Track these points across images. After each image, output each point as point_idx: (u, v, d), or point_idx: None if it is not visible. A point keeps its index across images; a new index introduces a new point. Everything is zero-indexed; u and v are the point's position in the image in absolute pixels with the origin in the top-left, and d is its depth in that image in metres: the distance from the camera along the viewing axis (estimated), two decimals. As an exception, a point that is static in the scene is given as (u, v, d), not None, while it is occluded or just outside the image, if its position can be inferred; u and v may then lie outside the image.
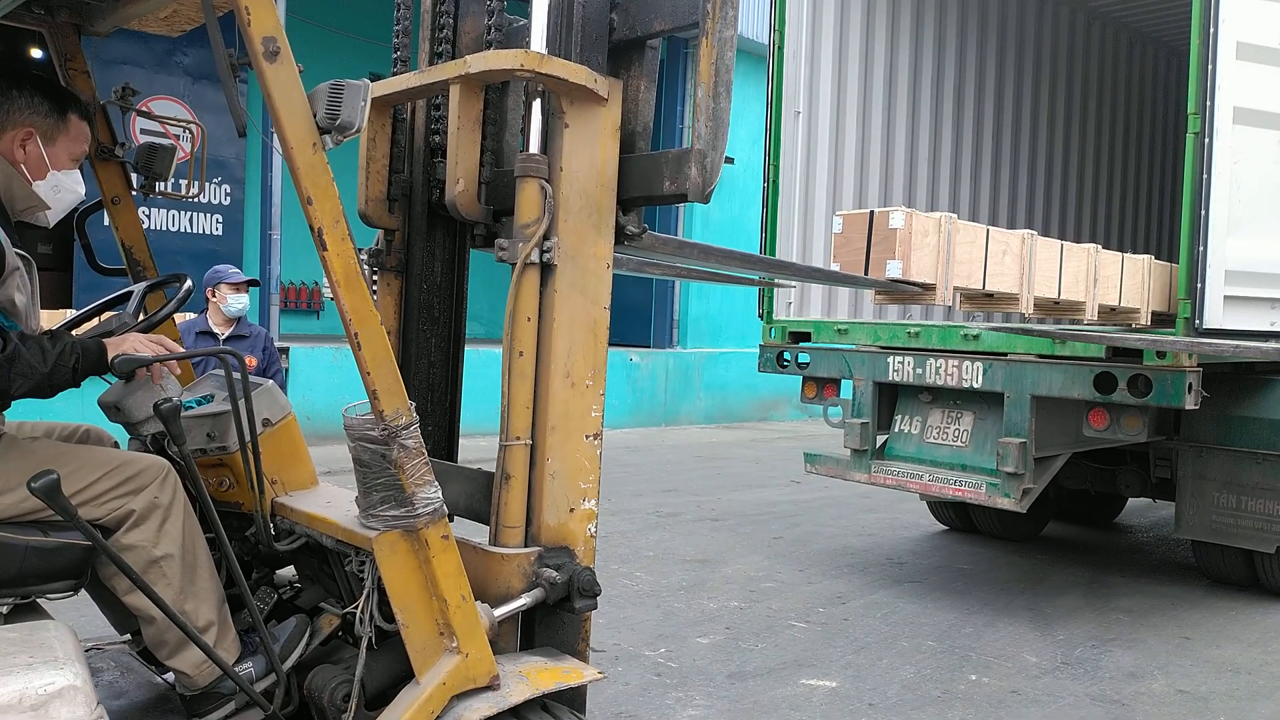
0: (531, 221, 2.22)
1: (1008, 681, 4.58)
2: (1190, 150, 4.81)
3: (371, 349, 1.98)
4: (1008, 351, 5.41)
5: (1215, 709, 4.36)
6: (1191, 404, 4.84)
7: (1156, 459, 6.18)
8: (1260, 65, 4.95)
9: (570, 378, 2.30)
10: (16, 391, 2.07)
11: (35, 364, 2.05)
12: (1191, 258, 4.81)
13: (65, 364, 2.09)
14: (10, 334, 2.05)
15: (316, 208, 1.92)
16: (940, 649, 4.98)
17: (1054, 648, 5.06)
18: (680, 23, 2.31)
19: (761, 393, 14.97)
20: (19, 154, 2.23)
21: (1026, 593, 6.06)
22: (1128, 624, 5.49)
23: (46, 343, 2.08)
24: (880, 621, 5.38)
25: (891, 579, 6.25)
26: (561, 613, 2.32)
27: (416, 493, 2.03)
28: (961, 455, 5.61)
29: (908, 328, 5.98)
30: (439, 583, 2.07)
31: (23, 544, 2.11)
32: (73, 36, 2.66)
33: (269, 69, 1.84)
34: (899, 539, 7.43)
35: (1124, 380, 4.89)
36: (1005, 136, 8.51)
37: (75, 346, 2.12)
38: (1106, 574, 6.56)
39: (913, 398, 5.95)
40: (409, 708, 2.04)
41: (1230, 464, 5.71)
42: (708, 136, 2.19)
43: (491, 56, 2.22)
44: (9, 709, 1.66)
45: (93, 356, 2.15)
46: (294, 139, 1.88)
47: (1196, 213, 4.78)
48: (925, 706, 4.24)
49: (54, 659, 1.80)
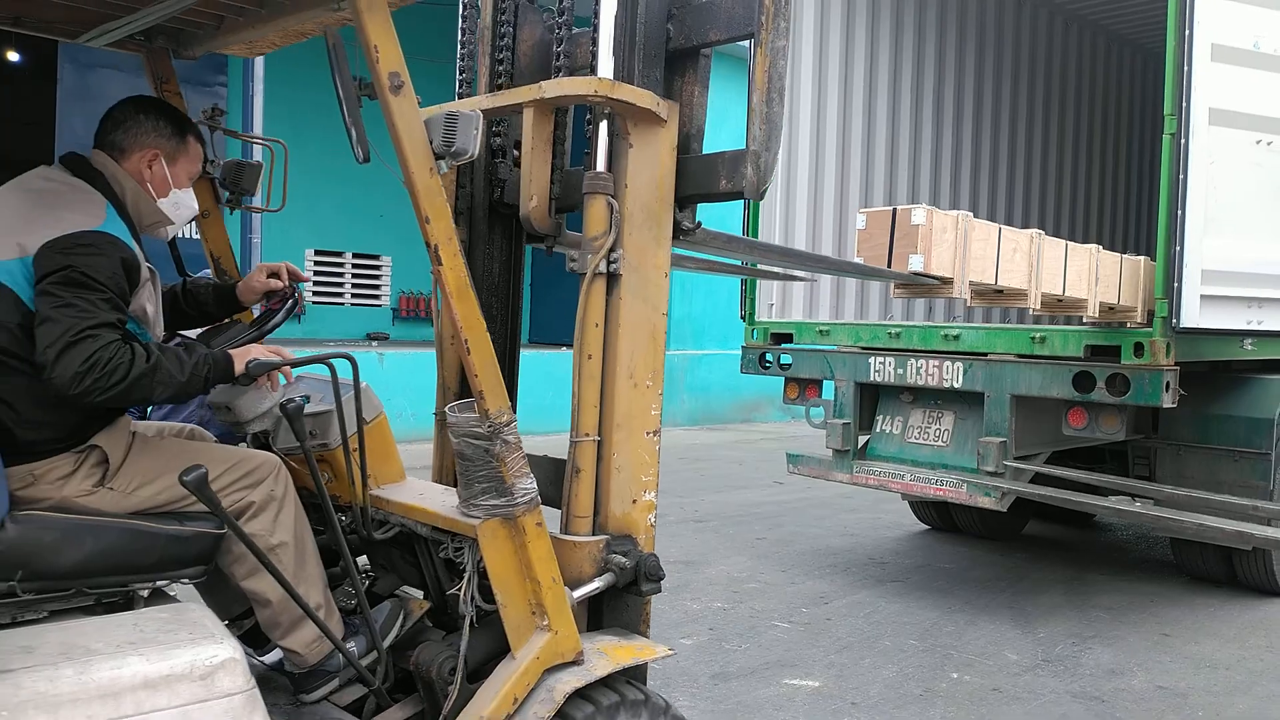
0: (599, 234, 2.42)
1: (989, 679, 4.61)
2: (1166, 151, 4.85)
3: (479, 354, 2.19)
4: (988, 351, 5.44)
5: (1194, 704, 4.40)
6: (1169, 402, 4.88)
7: (1135, 457, 6.22)
8: (1235, 67, 4.99)
9: (633, 379, 2.50)
10: (157, 398, 2.23)
11: (175, 373, 2.20)
12: (1168, 257, 4.85)
13: (199, 373, 2.25)
14: (151, 346, 2.21)
15: (433, 226, 2.12)
16: (922, 648, 5.01)
17: (1035, 645, 5.10)
18: (735, 33, 2.49)
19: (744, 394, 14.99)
20: (146, 173, 2.41)
21: (1007, 591, 6.10)
22: (1107, 621, 5.53)
23: (183, 353, 2.25)
24: (863, 621, 5.40)
25: (874, 578, 6.28)
26: (626, 596, 2.53)
27: (515, 483, 2.24)
28: (942, 455, 5.64)
29: (888, 328, 6.01)
30: (533, 566, 2.27)
31: (165, 533, 2.27)
32: (166, 60, 2.83)
33: (394, 100, 2.03)
34: (881, 539, 7.46)
35: (1102, 379, 4.93)
36: (985, 137, 8.57)
37: (208, 357, 2.29)
38: (1086, 572, 6.61)
39: (894, 398, 5.98)
40: (507, 680, 2.24)
41: (1208, 462, 5.75)
42: (761, 138, 2.38)
43: (566, 83, 2.44)
44: (182, 678, 1.84)
45: (221, 366, 2.31)
46: (414, 164, 2.08)
47: (1173, 213, 4.81)
48: (907, 705, 4.26)
49: (211, 635, 1.98)
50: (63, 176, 2.32)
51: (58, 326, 2.05)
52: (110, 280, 2.15)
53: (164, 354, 2.20)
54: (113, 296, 2.16)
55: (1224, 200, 5.01)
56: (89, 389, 2.06)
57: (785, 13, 2.39)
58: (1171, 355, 4.86)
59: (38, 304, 2.10)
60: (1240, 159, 5.11)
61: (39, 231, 2.14)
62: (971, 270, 4.52)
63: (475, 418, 2.21)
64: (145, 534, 2.24)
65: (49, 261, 2.11)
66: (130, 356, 2.12)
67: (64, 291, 2.08)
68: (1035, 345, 5.24)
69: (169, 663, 1.85)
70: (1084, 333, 5.18)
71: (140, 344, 2.18)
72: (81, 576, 2.17)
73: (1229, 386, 5.77)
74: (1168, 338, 4.83)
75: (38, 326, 2.08)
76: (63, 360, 2.04)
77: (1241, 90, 5.03)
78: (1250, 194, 5.24)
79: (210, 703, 1.86)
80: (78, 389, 2.05)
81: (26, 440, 2.16)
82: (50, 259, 2.11)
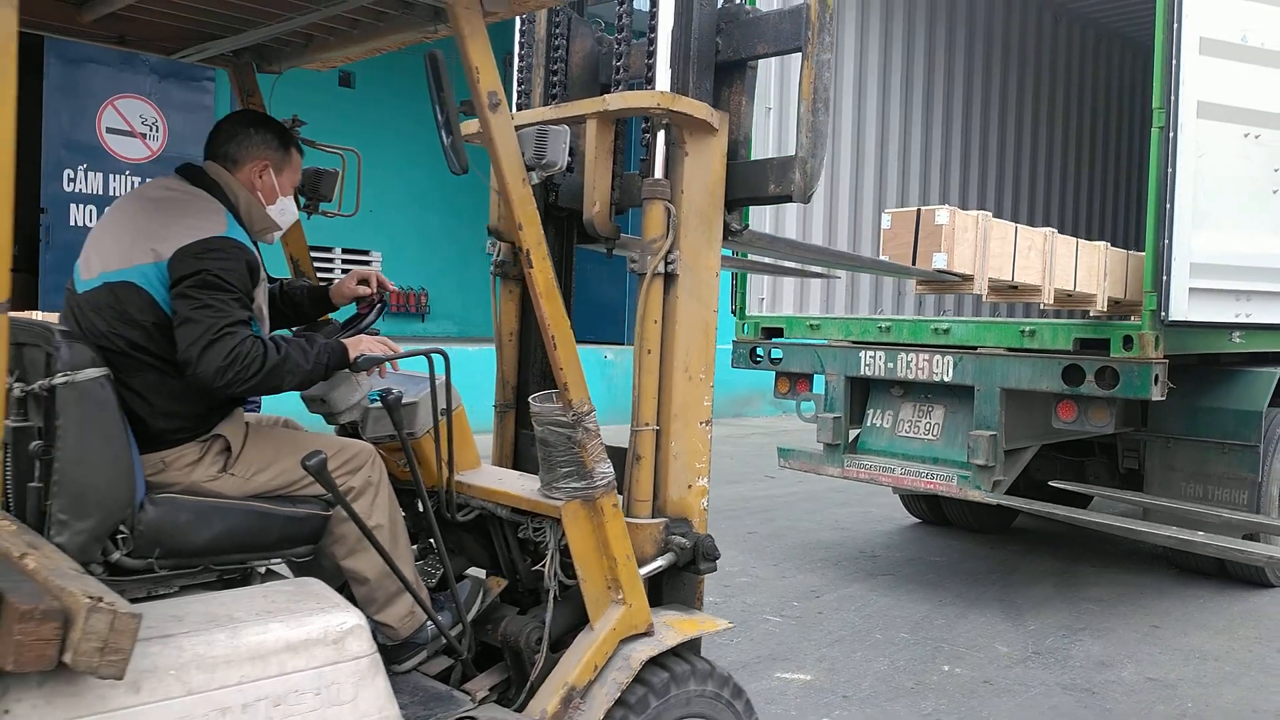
0: (658, 237, 2.60)
1: (980, 672, 4.63)
2: (1155, 144, 4.86)
3: (564, 349, 2.36)
4: (978, 345, 5.45)
5: (1183, 695, 4.42)
6: (1158, 395, 4.90)
7: (1124, 450, 6.25)
8: (1223, 60, 5.01)
9: (688, 372, 2.68)
10: (287, 386, 2.40)
11: (301, 362, 2.38)
12: (1157, 250, 4.86)
13: (321, 361, 2.43)
14: (279, 339, 2.39)
15: (526, 232, 2.29)
16: (913, 640, 5.02)
17: (1025, 638, 5.11)
18: (782, 47, 2.67)
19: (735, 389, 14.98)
20: (256, 183, 2.57)
21: (998, 584, 6.12)
22: (1097, 613, 5.56)
23: (304, 344, 2.42)
24: (854, 614, 5.41)
25: (865, 572, 6.29)
26: (684, 574, 2.72)
27: (595, 468, 2.42)
28: (933, 448, 5.65)
29: (879, 322, 6.01)
30: (610, 544, 2.45)
31: (282, 514, 2.45)
32: (251, 75, 2.97)
33: (492, 117, 2.21)
34: (872, 532, 7.48)
35: (1091, 372, 4.94)
36: (974, 131, 8.58)
37: (327, 346, 2.47)
38: (1076, 564, 6.63)
39: (884, 392, 5.99)
40: (588, 649, 2.42)
41: (1197, 454, 5.77)
42: (808, 145, 2.56)
43: (630, 96, 2.63)
44: (317, 643, 1.99)
45: (338, 355, 2.49)
46: (510, 175, 2.26)
47: (1162, 206, 4.83)
48: (899, 698, 4.27)
49: (337, 605, 2.12)
50: (182, 185, 2.48)
51: (198, 327, 2.23)
52: (239, 281, 2.33)
53: (290, 345, 2.38)
54: (241, 296, 2.34)
55: (1212, 193, 5.02)
56: (231, 381, 2.25)
57: (830, 28, 2.55)
58: (1160, 348, 4.88)
59: (176, 306, 2.27)
60: (1228, 152, 5.12)
61: (171, 238, 2.30)
62: (990, 267, 4.72)
63: (559, 407, 2.40)
64: (265, 515, 2.42)
65: (184, 266, 2.27)
66: (264, 350, 2.30)
67: (200, 294, 2.25)
68: (1025, 339, 5.25)
69: (305, 629, 2.00)
70: (1073, 326, 5.20)
71: (270, 338, 2.38)
72: (210, 554, 2.35)
73: (1218, 379, 5.79)
74: (1156, 331, 4.85)
75: (178, 327, 2.25)
76: (206, 357, 2.22)
77: (1229, 83, 5.05)
78: (1238, 187, 5.26)
79: (341, 665, 2.02)
80: (221, 382, 2.24)
81: (158, 430, 2.33)
82: (185, 263, 2.27)
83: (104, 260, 2.37)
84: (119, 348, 2.29)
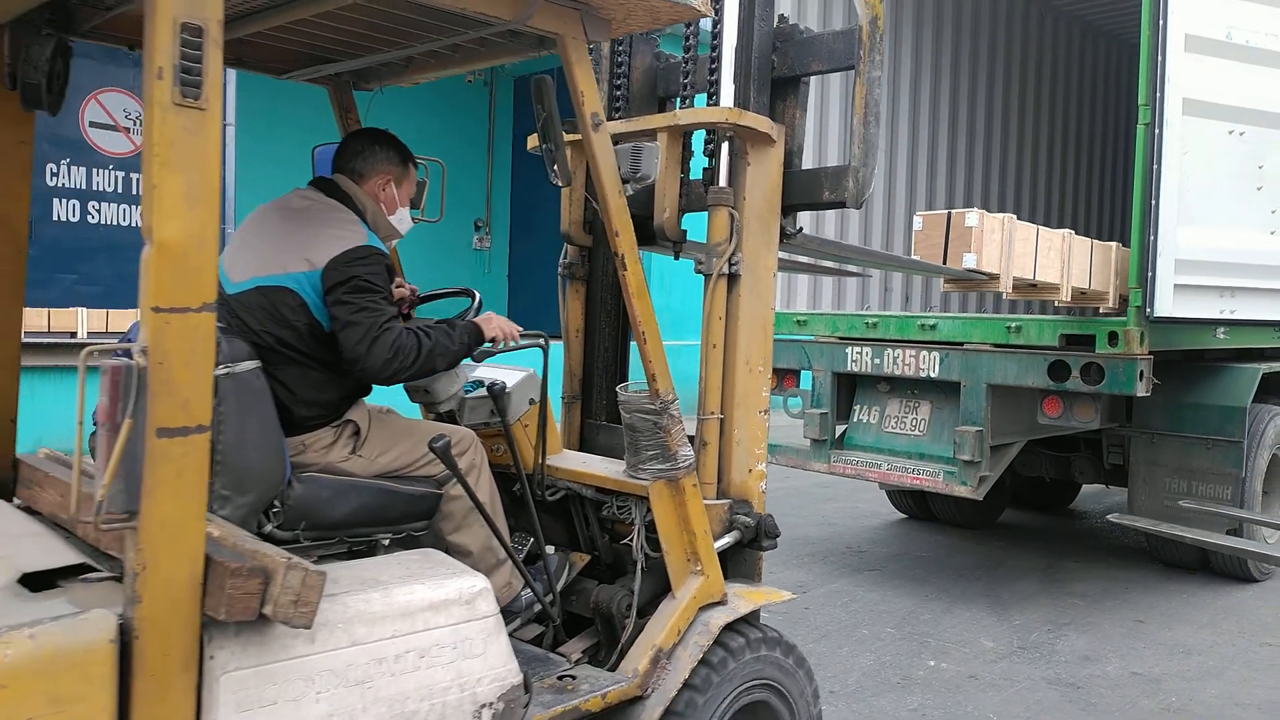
0: (723, 241, 2.85)
1: (966, 666, 4.64)
2: (1141, 141, 4.88)
3: (653, 344, 2.61)
4: (964, 341, 5.46)
5: (1167, 690, 4.45)
6: (1143, 391, 4.92)
7: (1110, 446, 6.26)
8: (1208, 57, 5.02)
9: (749, 364, 2.91)
10: (440, 368, 2.67)
11: (449, 345, 2.63)
12: (1142, 246, 4.88)
13: (464, 342, 2.67)
14: (424, 327, 2.61)
15: (622, 238, 2.52)
16: (899, 636, 5.03)
17: (1010, 632, 5.13)
18: (836, 65, 2.89)
19: (722, 384, 15.01)
20: (381, 194, 2.79)
21: (983, 579, 6.14)
22: (1082, 608, 5.58)
23: (446, 328, 2.66)
24: (840, 610, 5.42)
25: (851, 567, 6.30)
26: (745, 550, 2.95)
27: (678, 451, 2.67)
28: (919, 444, 5.66)
29: (865, 318, 6.02)
30: (690, 520, 2.71)
31: (405, 492, 2.66)
32: (350, 92, 3.17)
33: (595, 136, 2.45)
34: (858, 528, 7.49)
35: (1077, 368, 4.96)
36: (960, 127, 8.60)
37: (465, 328, 2.70)
38: (1061, 559, 6.66)
39: (871, 388, 6.00)
40: (671, 616, 2.67)
41: (1181, 450, 5.80)
42: (860, 155, 2.81)
43: (700, 112, 2.88)
44: (454, 603, 2.19)
45: (476, 335, 2.72)
46: (609, 188, 2.49)
47: (1147, 202, 4.84)
48: (885, 693, 4.28)
49: (464, 570, 2.31)
50: (318, 196, 2.71)
51: (359, 329, 2.47)
52: (384, 283, 2.58)
53: (436, 331, 2.62)
54: (388, 295, 2.59)
55: (1197, 190, 5.04)
56: (396, 371, 2.51)
57: (880, 47, 2.78)
58: (1145, 344, 4.90)
59: (336, 312, 2.50)
60: (1213, 149, 5.14)
61: (321, 248, 2.53)
62: (1014, 267, 4.94)
63: (646, 396, 2.66)
64: (391, 492, 2.64)
65: (337, 274, 2.50)
66: (417, 339, 2.54)
67: (356, 298, 2.49)
68: (1011, 335, 5.26)
69: (444, 590, 2.20)
70: (1059, 322, 5.22)
71: (417, 327, 2.60)
72: (346, 527, 2.58)
73: (1202, 375, 5.81)
74: (1141, 327, 4.87)
75: (341, 331, 2.49)
76: (372, 353, 2.47)
77: (1214, 81, 5.07)
78: (1223, 184, 5.28)
79: (473, 623, 2.22)
80: (388, 373, 2.51)
81: (299, 417, 2.56)
82: (338, 271, 2.50)
83: (254, 265, 2.59)
84: (267, 344, 2.50)
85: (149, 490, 1.71)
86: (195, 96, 1.72)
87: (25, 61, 2.38)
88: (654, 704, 2.59)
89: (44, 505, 2.35)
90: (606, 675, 2.63)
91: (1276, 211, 5.59)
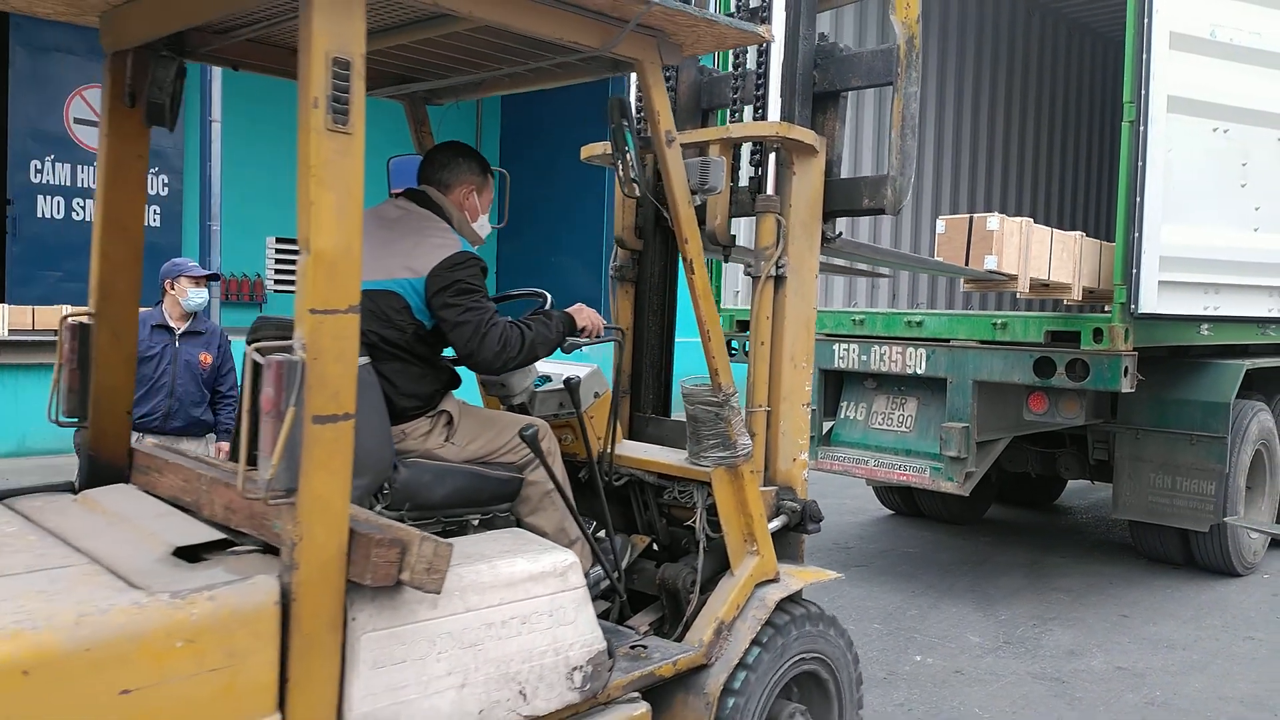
0: (770, 245, 3.04)
1: (951, 661, 4.66)
2: (1125, 138, 4.90)
3: (717, 341, 2.81)
4: (950, 338, 5.48)
5: (1151, 684, 4.48)
6: (1128, 387, 4.94)
7: (1095, 442, 6.30)
8: (1193, 55, 5.04)
9: (794, 360, 3.11)
10: (541, 355, 2.88)
11: (547, 334, 2.85)
12: (1127, 243, 4.90)
13: (560, 331, 2.89)
14: (523, 320, 2.83)
15: (690, 244, 2.72)
16: (886, 631, 5.05)
17: (996, 627, 5.16)
18: (874, 81, 3.06)
19: (710, 381, 15.00)
20: (465, 203, 3.00)
21: (969, 574, 6.16)
22: (1067, 603, 5.61)
23: (542, 318, 2.88)
24: (827, 605, 5.41)
25: (838, 563, 6.31)
26: (790, 534, 3.14)
27: (738, 440, 2.86)
28: (906, 440, 5.67)
29: (853, 315, 6.03)
30: (748, 504, 2.91)
31: (494, 476, 2.88)
32: (424, 107, 3.36)
33: (668, 151, 2.64)
34: (845, 524, 7.51)
35: (1062, 365, 4.98)
36: (947, 124, 8.61)
37: (560, 317, 2.92)
38: (1047, 555, 6.69)
39: (858, 384, 6.01)
40: (731, 591, 2.87)
41: (1165, 446, 5.83)
42: (897, 165, 2.98)
43: (751, 126, 3.09)
44: (550, 575, 2.38)
45: (569, 323, 2.95)
46: (680, 198, 2.67)
47: (1131, 199, 4.86)
48: (871, 688, 4.29)
49: (553, 547, 2.50)
50: (410, 206, 2.92)
51: (468, 327, 2.70)
52: (481, 283, 2.78)
53: (534, 322, 2.84)
54: (486, 293, 2.80)
55: (1182, 187, 5.07)
56: (506, 362, 2.76)
57: (916, 64, 2.94)
58: (1130, 340, 4.93)
59: (444, 314, 2.72)
60: (1197, 146, 5.16)
61: (423, 257, 2.75)
62: (1031, 268, 5.06)
63: (708, 389, 2.84)
64: (482, 476, 2.86)
65: (441, 280, 2.72)
66: (519, 332, 2.77)
67: (461, 300, 2.71)
68: (997, 331, 5.28)
69: (540, 564, 2.38)
70: (1044, 319, 5.24)
71: (515, 320, 2.81)
72: (445, 507, 2.80)
73: (1186, 371, 5.85)
74: (1126, 323, 4.89)
75: (451, 331, 2.72)
76: (484, 347, 2.70)
77: (1199, 78, 5.09)
78: (1207, 181, 5.30)
79: (565, 593, 2.41)
80: (499, 364, 2.77)
81: (400, 408, 2.76)
82: (441, 277, 2.72)
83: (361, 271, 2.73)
84: (373, 342, 2.68)
85: (306, 470, 1.91)
86: (344, 123, 1.90)
87: (151, 83, 2.56)
88: (717, 671, 2.79)
89: (164, 489, 2.51)
90: (675, 645, 2.83)
91: (1260, 209, 5.63)
